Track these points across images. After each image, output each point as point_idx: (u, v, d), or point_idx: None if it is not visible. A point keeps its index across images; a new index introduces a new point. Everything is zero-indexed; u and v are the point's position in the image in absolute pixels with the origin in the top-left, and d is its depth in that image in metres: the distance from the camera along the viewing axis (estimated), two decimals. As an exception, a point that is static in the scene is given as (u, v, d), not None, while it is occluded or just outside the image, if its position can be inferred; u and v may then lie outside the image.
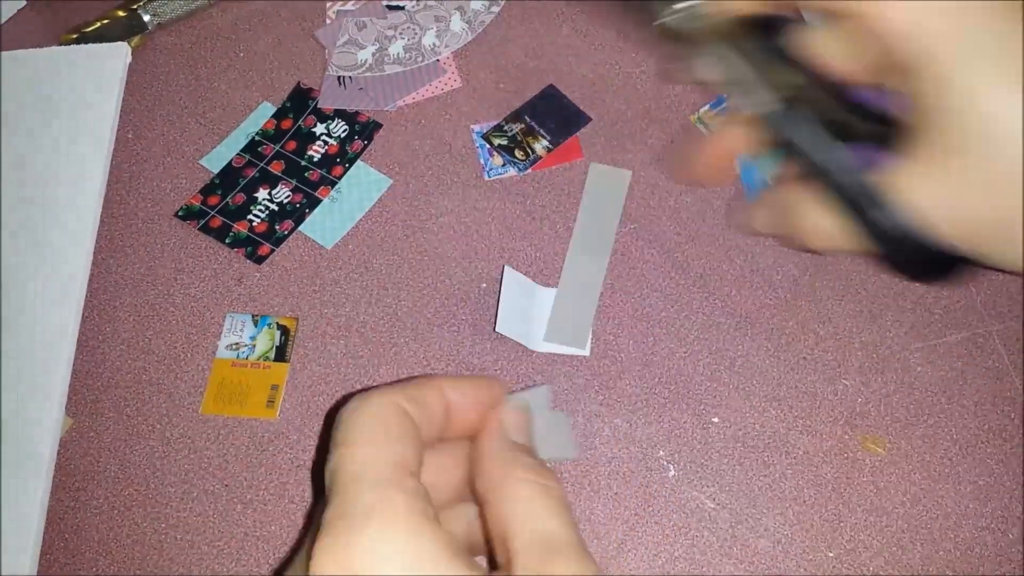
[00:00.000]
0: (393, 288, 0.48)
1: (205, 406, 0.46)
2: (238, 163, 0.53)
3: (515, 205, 0.50)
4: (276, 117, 0.54)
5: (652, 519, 0.42)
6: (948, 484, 0.42)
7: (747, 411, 0.44)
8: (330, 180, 0.51)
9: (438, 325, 0.47)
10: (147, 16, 0.57)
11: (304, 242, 0.50)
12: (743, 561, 0.40)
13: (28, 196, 0.50)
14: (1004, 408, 0.43)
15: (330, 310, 0.48)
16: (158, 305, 0.49)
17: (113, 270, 0.50)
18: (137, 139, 0.54)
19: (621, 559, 0.40)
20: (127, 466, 0.45)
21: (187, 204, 0.52)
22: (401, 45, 0.55)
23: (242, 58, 0.56)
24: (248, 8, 0.58)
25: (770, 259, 0.47)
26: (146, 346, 0.48)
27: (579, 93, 0.52)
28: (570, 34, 0.55)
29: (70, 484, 0.45)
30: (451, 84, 0.54)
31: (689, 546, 0.40)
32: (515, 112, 0.52)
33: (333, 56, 0.55)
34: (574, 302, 0.46)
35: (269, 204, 0.51)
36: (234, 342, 0.47)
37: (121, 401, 0.47)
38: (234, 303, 0.48)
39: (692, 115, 0.51)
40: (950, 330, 0.45)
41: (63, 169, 0.51)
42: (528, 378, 0.45)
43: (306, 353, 0.47)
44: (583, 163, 0.50)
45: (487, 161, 0.51)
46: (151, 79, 0.56)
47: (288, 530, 0.43)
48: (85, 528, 0.44)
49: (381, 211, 0.50)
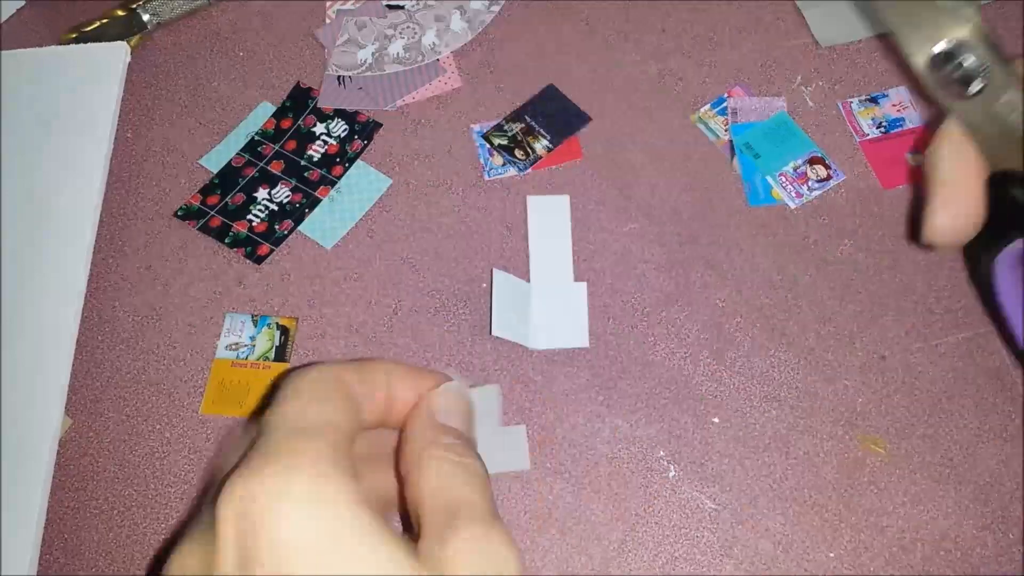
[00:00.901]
0: (393, 288, 0.48)
1: (205, 406, 0.46)
2: (237, 163, 0.52)
3: (515, 205, 0.50)
4: (276, 117, 0.54)
5: (652, 519, 0.42)
6: (948, 484, 0.42)
7: (747, 411, 0.44)
8: (330, 180, 0.51)
9: (438, 325, 0.47)
10: (146, 16, 0.56)
11: (304, 242, 0.50)
12: (743, 561, 0.40)
13: (27, 196, 0.50)
14: (1004, 408, 0.43)
15: (330, 310, 0.48)
16: (158, 305, 0.49)
17: (112, 270, 0.50)
18: (136, 138, 0.54)
19: (621, 559, 0.40)
20: (127, 466, 0.45)
21: (186, 204, 0.51)
22: (401, 45, 0.55)
23: (242, 58, 0.56)
24: (248, 8, 0.58)
25: (770, 259, 0.47)
26: (146, 346, 0.48)
27: (579, 93, 0.52)
28: (570, 34, 0.55)
29: (69, 484, 0.45)
30: (451, 84, 0.54)
31: (689, 546, 0.40)
32: (515, 112, 0.52)
33: (333, 56, 0.55)
34: (563, 303, 0.46)
35: (269, 204, 0.51)
36: (234, 342, 0.47)
37: (121, 401, 0.46)
38: (234, 303, 0.48)
39: (692, 114, 0.51)
40: (951, 330, 0.45)
41: (62, 169, 0.51)
42: (529, 378, 0.45)
43: (306, 353, 0.47)
44: (583, 163, 0.50)
45: (487, 161, 0.51)
46: (150, 79, 0.56)
47: (288, 530, 0.43)
48: (84, 528, 0.44)
49: (381, 211, 0.50)
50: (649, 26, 0.55)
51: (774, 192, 0.48)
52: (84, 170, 0.51)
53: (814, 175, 0.48)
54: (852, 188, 0.48)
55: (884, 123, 0.49)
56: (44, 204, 0.50)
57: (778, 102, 0.50)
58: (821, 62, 0.52)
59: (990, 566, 0.39)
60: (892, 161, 0.48)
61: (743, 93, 0.51)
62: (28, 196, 0.50)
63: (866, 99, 0.50)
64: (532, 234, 0.48)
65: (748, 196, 0.48)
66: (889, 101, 0.50)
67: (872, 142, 0.49)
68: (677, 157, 0.50)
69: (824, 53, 0.52)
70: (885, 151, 0.49)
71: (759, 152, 0.48)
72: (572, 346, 0.45)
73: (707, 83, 0.52)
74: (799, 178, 0.48)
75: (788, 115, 0.50)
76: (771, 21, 0.54)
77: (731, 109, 0.50)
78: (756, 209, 0.48)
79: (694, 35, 0.54)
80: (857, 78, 0.51)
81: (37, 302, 0.47)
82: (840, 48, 0.52)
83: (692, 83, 0.52)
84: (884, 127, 0.49)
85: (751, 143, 0.48)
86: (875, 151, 0.49)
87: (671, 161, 0.50)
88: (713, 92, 0.52)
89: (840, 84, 0.51)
